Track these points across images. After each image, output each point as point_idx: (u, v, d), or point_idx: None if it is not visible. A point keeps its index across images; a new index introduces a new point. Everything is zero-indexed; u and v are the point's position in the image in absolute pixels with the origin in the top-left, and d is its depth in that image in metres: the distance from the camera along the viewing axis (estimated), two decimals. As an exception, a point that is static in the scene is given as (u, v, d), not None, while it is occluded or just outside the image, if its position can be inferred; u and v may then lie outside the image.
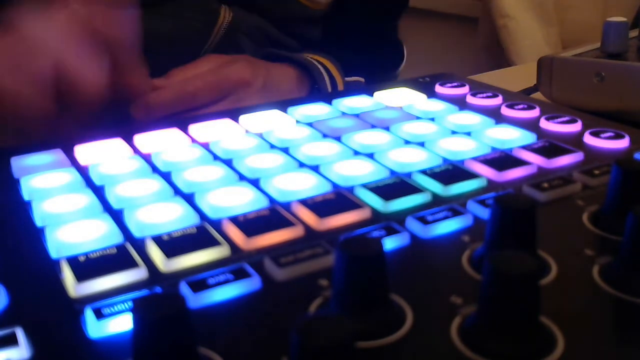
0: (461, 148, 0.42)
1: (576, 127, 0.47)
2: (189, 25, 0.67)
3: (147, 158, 0.43)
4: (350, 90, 0.57)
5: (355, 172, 0.39)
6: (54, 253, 0.31)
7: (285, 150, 0.43)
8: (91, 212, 0.35)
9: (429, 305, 0.27)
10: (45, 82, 0.47)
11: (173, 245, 0.31)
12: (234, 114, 0.50)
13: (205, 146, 0.44)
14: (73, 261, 0.30)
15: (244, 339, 0.25)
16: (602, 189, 0.37)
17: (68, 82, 0.47)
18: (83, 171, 0.41)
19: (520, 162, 0.40)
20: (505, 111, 0.51)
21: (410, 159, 0.41)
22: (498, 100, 0.53)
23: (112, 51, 0.50)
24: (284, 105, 0.52)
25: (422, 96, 0.54)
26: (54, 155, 0.43)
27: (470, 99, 0.54)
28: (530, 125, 0.48)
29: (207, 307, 0.27)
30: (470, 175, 0.38)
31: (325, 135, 0.46)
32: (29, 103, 0.47)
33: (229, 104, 0.59)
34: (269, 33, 0.72)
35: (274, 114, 0.50)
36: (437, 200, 0.36)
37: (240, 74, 0.60)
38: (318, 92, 0.67)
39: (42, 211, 0.35)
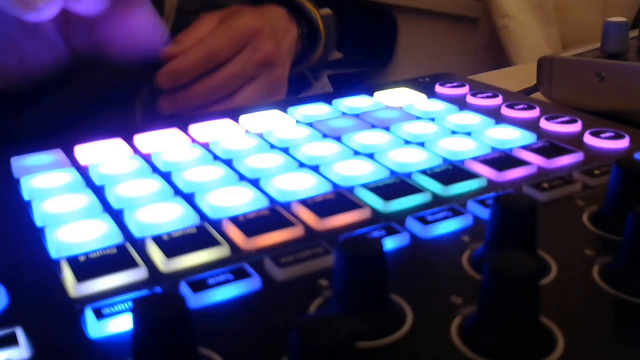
0: (461, 148, 0.42)
1: (576, 127, 0.47)
2: None
3: (147, 158, 0.43)
4: (350, 90, 0.57)
5: (355, 172, 0.39)
6: (54, 253, 0.31)
7: (285, 150, 0.43)
8: (91, 212, 0.35)
9: (429, 305, 0.27)
10: None
11: (173, 245, 0.31)
12: (233, 114, 0.50)
13: (205, 146, 0.44)
14: (73, 261, 0.30)
15: (244, 339, 0.25)
16: (602, 189, 0.37)
17: None
18: (83, 171, 0.41)
19: (520, 162, 0.40)
20: (505, 111, 0.51)
21: (410, 159, 0.41)
22: (498, 100, 0.53)
23: None
24: (284, 105, 0.52)
25: (422, 96, 0.54)
26: (54, 155, 0.43)
27: (470, 99, 0.54)
28: (530, 125, 0.48)
29: (207, 307, 0.27)
30: (470, 175, 0.38)
31: (325, 135, 0.46)
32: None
33: (249, 56, 0.61)
34: (221, 4, 0.71)
35: (274, 114, 0.50)
36: (437, 200, 0.36)
37: (250, 23, 0.62)
38: (308, 29, 0.69)
39: (42, 211, 0.35)
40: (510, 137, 0.44)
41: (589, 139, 0.44)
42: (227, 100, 0.62)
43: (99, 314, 0.26)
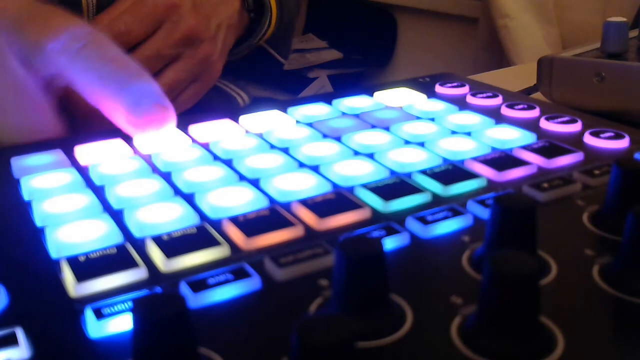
0: (461, 148, 0.42)
1: (576, 127, 0.47)
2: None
3: (147, 158, 0.43)
4: (349, 90, 0.57)
5: (355, 172, 0.39)
6: (54, 253, 0.31)
7: (285, 150, 0.43)
8: (91, 212, 0.35)
9: (429, 305, 0.27)
10: None
11: (173, 245, 0.31)
12: (234, 114, 0.50)
13: (205, 146, 0.44)
14: (73, 261, 0.30)
15: (244, 339, 0.25)
16: (602, 189, 0.37)
17: None
18: (83, 171, 0.41)
19: (520, 162, 0.40)
20: (505, 111, 0.51)
21: (410, 159, 0.41)
22: (498, 100, 0.53)
23: None
24: (284, 105, 0.52)
25: (422, 96, 0.54)
26: (54, 155, 0.43)
27: (470, 99, 0.54)
28: (530, 125, 0.48)
29: (207, 307, 0.27)
30: (470, 175, 0.38)
31: (325, 135, 0.46)
32: None
33: (167, 34, 0.56)
34: None
35: (274, 114, 0.50)
36: (437, 200, 0.36)
37: (165, 0, 0.56)
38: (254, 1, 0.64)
39: (42, 211, 0.35)
40: (510, 137, 0.44)
41: (589, 139, 0.44)
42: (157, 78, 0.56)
43: (99, 314, 0.26)
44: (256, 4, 0.67)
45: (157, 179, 0.39)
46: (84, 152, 0.43)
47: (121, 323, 0.26)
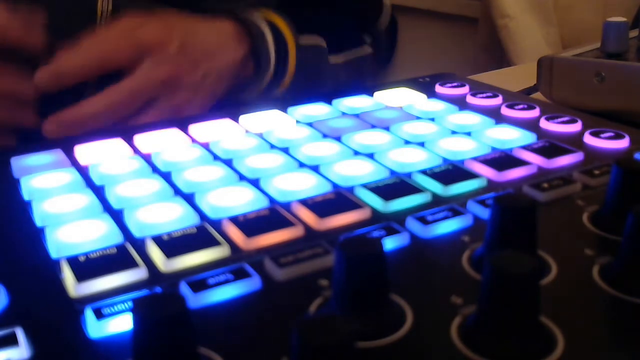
0: (461, 148, 0.42)
1: (576, 127, 0.47)
2: (68, 19, 0.59)
3: (147, 158, 0.43)
4: (348, 90, 0.57)
5: (355, 172, 0.39)
6: (54, 253, 0.31)
7: (285, 150, 0.43)
8: (91, 212, 0.35)
9: (429, 305, 0.27)
10: None
11: (173, 245, 0.31)
12: (234, 114, 0.50)
13: (205, 146, 0.44)
14: (73, 261, 0.30)
15: (244, 339, 0.25)
16: (602, 189, 0.37)
17: None
18: (83, 171, 0.41)
19: (520, 162, 0.40)
20: (505, 111, 0.51)
21: (410, 159, 0.41)
22: (498, 100, 0.53)
23: None
24: (284, 105, 0.52)
25: (422, 96, 0.54)
26: (54, 155, 0.43)
27: (470, 99, 0.54)
28: (530, 125, 0.48)
29: (207, 307, 0.27)
30: (470, 175, 0.38)
31: (325, 135, 0.46)
32: None
33: (147, 72, 0.54)
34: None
35: (274, 114, 0.50)
36: (437, 200, 0.36)
37: (154, 34, 0.55)
38: (259, 53, 0.60)
39: (42, 211, 0.35)
40: (510, 137, 0.44)
41: (589, 139, 0.44)
42: (130, 120, 0.55)
43: (99, 314, 0.26)
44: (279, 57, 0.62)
45: (157, 179, 0.39)
46: (84, 152, 0.43)
47: (121, 323, 0.26)
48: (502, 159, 0.40)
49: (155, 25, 0.56)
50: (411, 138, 0.45)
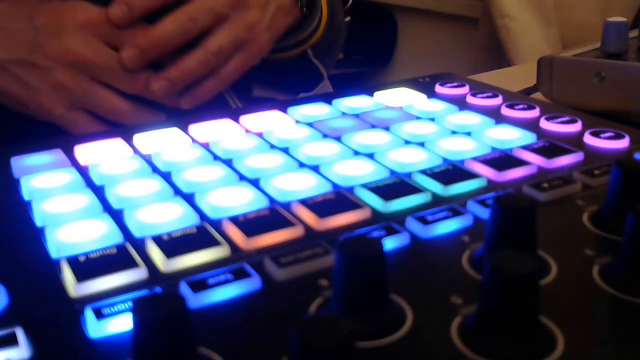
0: (461, 148, 0.42)
1: (576, 127, 0.47)
2: None
3: (147, 158, 0.43)
4: (349, 92, 0.57)
5: (355, 172, 0.39)
6: (54, 253, 0.31)
7: (285, 150, 0.43)
8: (91, 212, 0.35)
9: (429, 305, 0.27)
10: None
11: (173, 245, 0.31)
12: (234, 114, 0.50)
13: (205, 146, 0.44)
14: (73, 261, 0.30)
15: (244, 339, 0.25)
16: (602, 189, 0.37)
17: None
18: (83, 171, 0.41)
19: (520, 162, 0.40)
20: (505, 111, 0.51)
21: (410, 159, 0.41)
22: (498, 100, 0.53)
23: None
24: (284, 105, 0.52)
25: (422, 96, 0.54)
26: (54, 155, 0.43)
27: (470, 99, 0.54)
28: (530, 125, 0.48)
29: (207, 307, 0.27)
30: (470, 175, 0.38)
31: (325, 135, 0.46)
32: None
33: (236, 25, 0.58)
34: None
35: (274, 114, 0.50)
36: (437, 200, 0.36)
37: None
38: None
39: (42, 211, 0.35)
40: (510, 137, 0.44)
41: (589, 139, 0.44)
42: (202, 42, 0.58)
43: (99, 314, 0.26)
44: (309, 2, 0.66)
45: (157, 179, 0.39)
46: (84, 152, 0.43)
47: (121, 323, 0.26)
48: (502, 159, 0.40)
49: None
50: (411, 138, 0.45)
